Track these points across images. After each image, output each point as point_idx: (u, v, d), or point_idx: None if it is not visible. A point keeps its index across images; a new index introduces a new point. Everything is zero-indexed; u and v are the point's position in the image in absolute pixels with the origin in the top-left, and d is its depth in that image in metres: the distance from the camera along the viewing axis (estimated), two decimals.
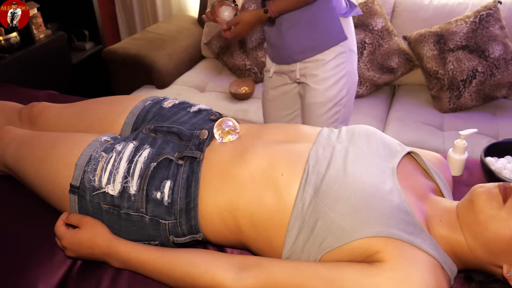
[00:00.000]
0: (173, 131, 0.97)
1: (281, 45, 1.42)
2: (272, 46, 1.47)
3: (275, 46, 1.46)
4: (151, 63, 2.38)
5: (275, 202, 0.79)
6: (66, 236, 0.85)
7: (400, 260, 0.69)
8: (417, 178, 0.87)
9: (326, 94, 1.43)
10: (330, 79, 1.42)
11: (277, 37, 1.42)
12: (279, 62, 1.49)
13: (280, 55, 1.47)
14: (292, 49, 1.41)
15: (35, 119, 1.15)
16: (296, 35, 1.38)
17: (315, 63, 1.41)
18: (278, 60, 1.49)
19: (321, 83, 1.42)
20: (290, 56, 1.43)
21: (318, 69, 1.41)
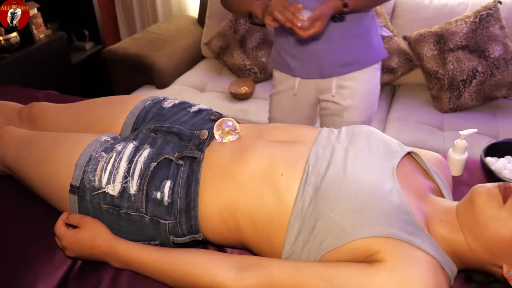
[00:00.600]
0: (173, 131, 0.97)
1: (325, 56, 1.27)
2: (304, 57, 1.29)
3: (310, 56, 1.28)
4: (151, 63, 2.38)
5: (275, 202, 0.79)
6: (66, 236, 0.85)
7: (400, 260, 0.69)
8: (417, 178, 0.87)
9: (366, 112, 1.35)
10: (370, 96, 1.35)
11: (317, 47, 1.25)
12: (310, 76, 1.33)
13: (315, 68, 1.30)
14: (337, 61, 1.28)
15: (35, 119, 1.15)
16: (345, 46, 1.26)
17: (356, 80, 1.30)
18: (310, 74, 1.32)
19: (361, 101, 1.32)
20: (332, 69, 1.29)
21: (359, 86, 1.30)
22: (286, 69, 1.35)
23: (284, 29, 1.24)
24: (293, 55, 1.30)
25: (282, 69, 1.37)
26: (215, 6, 2.61)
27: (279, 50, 1.34)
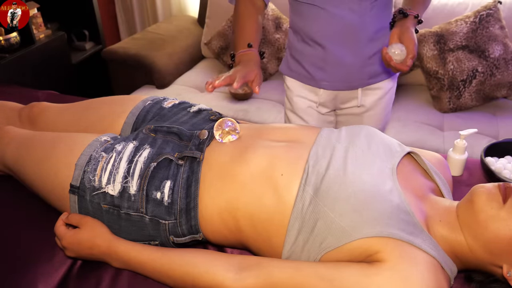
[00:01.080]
0: (173, 131, 0.97)
1: (356, 69, 1.22)
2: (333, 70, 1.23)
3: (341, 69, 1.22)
4: (151, 63, 2.38)
5: (275, 202, 0.79)
6: (66, 236, 0.85)
7: (400, 260, 0.69)
8: (417, 178, 0.87)
9: (384, 119, 1.34)
10: (389, 105, 1.34)
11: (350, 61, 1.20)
12: (337, 88, 1.26)
13: (344, 80, 1.24)
14: (367, 73, 1.24)
15: (35, 119, 1.15)
16: (375, 58, 1.22)
17: (380, 89, 1.28)
18: (337, 86, 1.26)
19: (382, 109, 1.31)
20: (361, 81, 1.25)
21: (382, 95, 1.29)
22: (309, 80, 1.28)
23: (310, 39, 1.20)
24: (321, 67, 1.23)
25: (303, 80, 1.30)
26: (215, 6, 2.61)
27: (300, 61, 1.27)
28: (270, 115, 2.18)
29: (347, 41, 1.18)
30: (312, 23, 1.18)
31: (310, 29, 1.19)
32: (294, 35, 1.26)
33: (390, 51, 1.02)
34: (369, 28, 1.17)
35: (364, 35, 1.17)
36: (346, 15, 1.13)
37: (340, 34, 1.17)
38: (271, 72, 2.48)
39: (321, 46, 1.20)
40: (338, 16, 1.14)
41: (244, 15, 1.15)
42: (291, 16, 1.25)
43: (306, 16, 1.19)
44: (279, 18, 2.41)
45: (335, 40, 1.18)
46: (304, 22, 1.20)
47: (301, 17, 1.21)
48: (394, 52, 1.01)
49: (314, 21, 1.17)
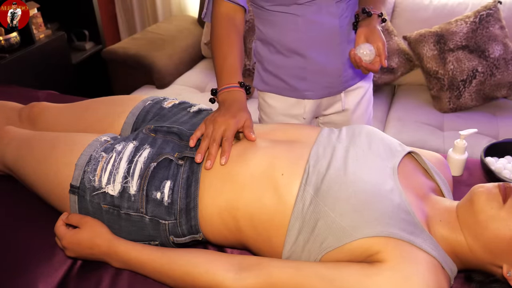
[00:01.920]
0: (173, 131, 0.97)
1: (339, 73, 1.18)
2: (316, 78, 1.18)
3: (324, 76, 1.18)
4: (151, 63, 2.38)
5: (275, 202, 0.79)
6: (66, 236, 0.85)
7: (400, 260, 0.69)
8: (417, 178, 0.87)
9: (369, 116, 1.32)
10: (371, 101, 1.31)
11: (333, 67, 1.17)
12: (321, 96, 1.22)
13: (328, 86, 1.20)
14: (348, 75, 1.21)
15: (35, 119, 1.15)
16: None
17: (359, 88, 1.25)
18: (321, 93, 1.22)
19: (365, 108, 1.28)
20: (343, 84, 1.22)
21: (362, 93, 1.26)
22: (291, 92, 1.21)
23: (287, 49, 1.14)
24: (302, 78, 1.18)
25: (284, 92, 1.23)
26: None
27: (277, 74, 1.20)
28: None
29: (328, 46, 1.13)
30: (288, 32, 1.12)
31: (287, 39, 1.13)
32: (265, 47, 1.18)
33: (359, 51, 1.00)
34: (347, 29, 1.14)
35: (344, 38, 1.14)
36: (325, 20, 1.09)
37: (320, 40, 1.12)
38: None
39: (300, 55, 1.14)
40: (317, 22, 1.09)
41: (224, 39, 1.04)
42: (260, 28, 1.17)
43: (281, 25, 1.12)
44: None
45: (316, 47, 1.13)
46: (278, 32, 1.13)
47: (275, 27, 1.13)
48: (363, 52, 0.99)
49: (291, 30, 1.11)
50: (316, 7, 1.08)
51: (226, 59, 1.01)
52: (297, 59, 1.15)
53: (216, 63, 1.03)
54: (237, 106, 0.93)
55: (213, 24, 1.07)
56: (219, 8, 1.06)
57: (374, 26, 1.04)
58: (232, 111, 0.90)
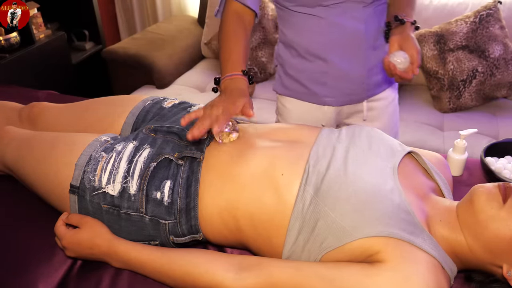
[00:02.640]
0: (173, 131, 0.97)
1: (362, 80, 1.15)
2: (338, 84, 1.15)
3: (346, 82, 1.14)
4: (151, 63, 2.38)
5: (275, 202, 0.79)
6: (66, 236, 0.85)
7: (400, 260, 0.69)
8: (417, 178, 0.87)
9: (393, 130, 1.26)
10: (396, 114, 1.27)
11: (356, 73, 1.14)
12: (342, 103, 1.19)
13: (350, 93, 1.17)
14: (372, 83, 1.17)
15: (35, 119, 1.15)
16: (380, 65, 1.15)
17: (383, 99, 1.21)
18: (342, 100, 1.19)
19: (389, 120, 1.23)
20: (366, 92, 1.18)
21: (386, 104, 1.22)
22: (311, 97, 1.19)
23: (309, 53, 1.11)
24: (323, 83, 1.15)
25: (303, 97, 1.20)
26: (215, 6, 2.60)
27: (298, 78, 1.18)
28: (270, 115, 2.18)
29: (351, 51, 1.11)
30: (311, 35, 1.10)
31: (309, 42, 1.11)
32: (287, 49, 1.17)
33: (393, 59, 0.98)
34: (373, 35, 1.11)
35: (368, 44, 1.11)
36: (349, 24, 1.07)
37: (343, 45, 1.10)
38: (271, 72, 2.48)
39: (322, 59, 1.12)
40: (340, 25, 1.07)
41: (231, 34, 1.06)
42: (282, 29, 1.17)
43: (303, 27, 1.11)
44: None
45: (338, 51, 1.10)
46: (300, 35, 1.12)
47: (297, 29, 1.12)
48: (397, 60, 0.98)
49: (313, 32, 1.10)
50: (341, 10, 1.06)
51: (231, 53, 1.02)
52: (318, 63, 1.13)
53: (222, 56, 1.04)
54: (238, 93, 0.92)
55: (222, 20, 1.09)
56: (230, 6, 1.08)
57: (408, 34, 1.02)
58: (233, 97, 0.90)
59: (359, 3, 1.06)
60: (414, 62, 0.98)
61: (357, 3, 1.06)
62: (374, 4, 1.08)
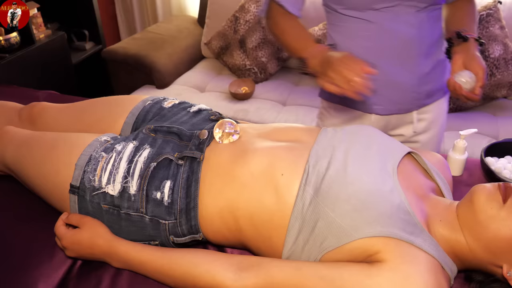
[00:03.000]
0: (173, 131, 0.97)
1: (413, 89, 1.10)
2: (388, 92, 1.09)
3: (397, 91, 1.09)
4: (151, 63, 2.38)
5: (275, 202, 0.79)
6: (66, 236, 0.85)
7: (400, 260, 0.69)
8: (417, 178, 0.87)
9: (439, 143, 1.21)
10: (444, 126, 1.21)
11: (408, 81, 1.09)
12: (390, 112, 1.14)
13: (399, 102, 1.12)
14: (424, 92, 1.12)
15: (35, 119, 1.15)
16: (433, 74, 1.10)
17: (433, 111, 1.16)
18: (391, 109, 1.14)
19: (437, 133, 1.18)
20: (417, 102, 1.13)
21: (436, 116, 1.17)
22: (358, 105, 1.15)
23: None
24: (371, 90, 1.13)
25: (350, 104, 1.16)
26: (215, 6, 2.61)
27: None
28: (270, 115, 2.18)
29: (402, 57, 1.06)
30: (360, 40, 1.07)
31: (357, 47, 1.05)
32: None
33: (458, 79, 0.95)
34: (425, 42, 1.06)
35: (420, 51, 1.06)
36: (401, 29, 1.03)
37: (394, 50, 1.05)
38: (271, 72, 2.48)
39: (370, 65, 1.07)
40: (392, 30, 1.03)
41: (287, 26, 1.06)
42: (330, 34, 1.14)
43: (351, 32, 1.07)
44: None
45: (388, 57, 1.06)
46: (349, 40, 1.08)
47: (345, 34, 1.09)
48: (463, 80, 0.94)
49: (362, 37, 1.06)
50: (393, 14, 1.02)
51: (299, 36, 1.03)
52: None
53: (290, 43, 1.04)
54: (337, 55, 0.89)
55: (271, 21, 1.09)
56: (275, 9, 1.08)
57: (472, 52, 0.97)
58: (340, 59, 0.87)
59: (412, 8, 1.02)
60: (480, 81, 0.94)
61: (409, 7, 1.01)
62: (428, 9, 1.04)
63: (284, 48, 1.07)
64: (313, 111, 2.21)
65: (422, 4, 1.02)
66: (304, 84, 2.47)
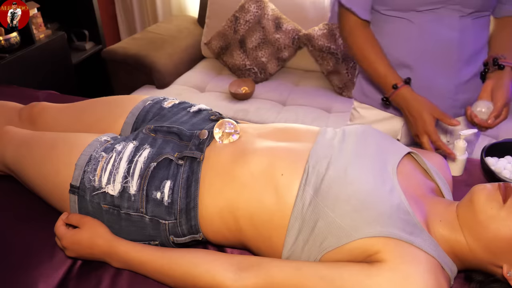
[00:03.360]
0: (173, 131, 0.97)
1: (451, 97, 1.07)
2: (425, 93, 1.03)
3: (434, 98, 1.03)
4: (151, 63, 2.38)
5: (275, 202, 0.79)
6: (66, 236, 0.85)
7: (400, 260, 0.69)
8: (417, 178, 0.87)
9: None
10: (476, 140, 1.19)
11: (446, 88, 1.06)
12: None
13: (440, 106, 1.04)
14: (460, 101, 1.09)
15: (35, 119, 1.15)
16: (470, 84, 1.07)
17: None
18: None
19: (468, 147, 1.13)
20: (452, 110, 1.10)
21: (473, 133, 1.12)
22: (392, 109, 1.13)
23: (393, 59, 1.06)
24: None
25: (382, 107, 1.14)
26: (215, 6, 2.61)
27: None
28: (270, 115, 2.18)
29: (441, 62, 1.03)
30: (399, 40, 1.05)
31: (395, 48, 1.05)
32: None
33: (476, 109, 0.95)
34: (468, 47, 1.03)
35: (461, 56, 1.03)
36: (443, 32, 1.00)
37: (433, 53, 1.02)
38: (271, 72, 2.48)
39: (407, 67, 1.05)
40: (432, 32, 1.00)
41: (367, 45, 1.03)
42: None
43: (392, 33, 1.05)
44: (279, 18, 2.41)
45: (426, 60, 1.03)
46: (387, 40, 1.06)
47: (385, 35, 1.07)
48: (480, 110, 0.95)
49: (401, 39, 1.04)
50: (436, 16, 0.99)
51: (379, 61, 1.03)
52: (402, 71, 1.05)
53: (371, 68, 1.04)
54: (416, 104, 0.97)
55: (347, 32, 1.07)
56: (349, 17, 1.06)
57: (503, 82, 0.96)
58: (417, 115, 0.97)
59: (456, 12, 0.99)
60: (495, 111, 0.94)
61: (453, 11, 0.99)
62: (473, 16, 1.02)
63: (361, 66, 1.07)
64: (313, 111, 2.21)
65: (467, 10, 0.99)
66: (304, 84, 2.47)
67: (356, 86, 1.22)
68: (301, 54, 2.52)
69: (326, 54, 2.33)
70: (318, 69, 2.52)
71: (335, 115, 2.20)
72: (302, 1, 2.45)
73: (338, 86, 2.36)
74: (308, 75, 2.55)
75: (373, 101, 1.16)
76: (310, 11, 2.43)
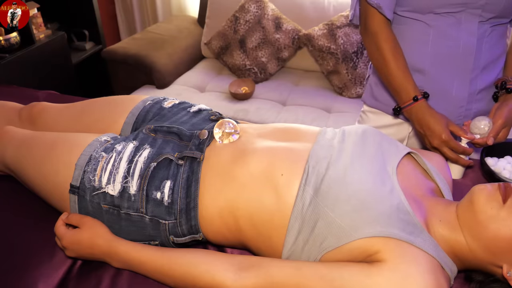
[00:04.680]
0: (173, 131, 0.97)
1: (462, 106, 1.05)
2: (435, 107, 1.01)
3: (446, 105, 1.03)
4: (151, 63, 2.38)
5: (275, 202, 0.79)
6: (66, 236, 0.85)
7: (400, 260, 0.69)
8: (417, 178, 0.87)
9: None
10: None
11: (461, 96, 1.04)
12: None
13: (449, 113, 1.05)
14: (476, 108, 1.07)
15: (35, 119, 1.15)
16: (480, 96, 1.06)
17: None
18: None
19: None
20: (467, 116, 1.08)
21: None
22: (402, 117, 1.11)
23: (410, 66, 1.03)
24: None
25: (390, 111, 1.13)
26: (215, 6, 2.61)
27: None
28: (270, 115, 2.18)
29: (456, 67, 1.01)
30: (414, 43, 1.02)
31: (410, 51, 1.02)
32: None
33: (474, 123, 0.96)
34: (485, 55, 1.01)
35: (477, 63, 1.01)
36: (461, 37, 0.98)
37: (449, 59, 1.00)
38: (271, 72, 2.48)
39: (419, 71, 1.02)
40: (449, 36, 0.98)
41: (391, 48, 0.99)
42: None
43: (407, 36, 1.02)
44: (279, 18, 2.41)
45: (440, 64, 1.01)
46: (402, 43, 1.03)
47: (400, 37, 1.03)
48: (477, 125, 0.96)
49: (416, 41, 1.02)
50: (454, 20, 0.97)
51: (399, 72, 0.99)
52: (414, 75, 1.03)
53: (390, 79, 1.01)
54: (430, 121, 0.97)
55: (372, 33, 1.03)
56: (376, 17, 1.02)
57: (508, 103, 0.95)
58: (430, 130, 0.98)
59: (476, 16, 0.97)
60: (493, 131, 0.94)
61: (473, 15, 0.97)
62: (492, 22, 1.00)
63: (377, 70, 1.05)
64: (313, 111, 2.21)
65: (487, 14, 0.97)
66: (304, 84, 2.47)
67: (367, 89, 1.20)
68: (301, 54, 2.52)
69: (326, 54, 2.33)
70: (318, 69, 2.52)
71: (335, 115, 2.20)
72: (302, 1, 2.45)
73: (338, 86, 2.36)
74: (308, 75, 2.55)
75: (384, 105, 1.14)
76: (310, 11, 2.43)
